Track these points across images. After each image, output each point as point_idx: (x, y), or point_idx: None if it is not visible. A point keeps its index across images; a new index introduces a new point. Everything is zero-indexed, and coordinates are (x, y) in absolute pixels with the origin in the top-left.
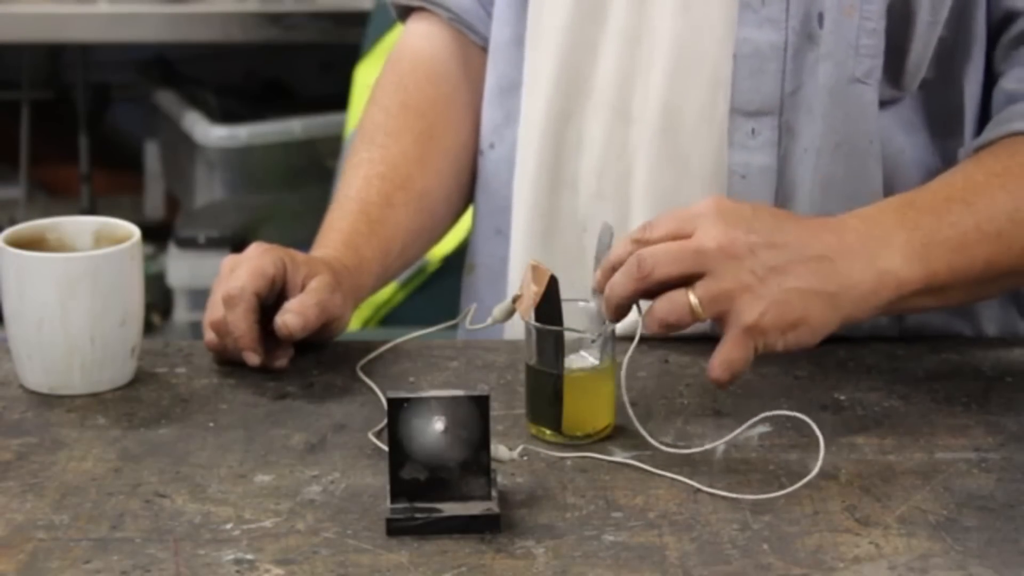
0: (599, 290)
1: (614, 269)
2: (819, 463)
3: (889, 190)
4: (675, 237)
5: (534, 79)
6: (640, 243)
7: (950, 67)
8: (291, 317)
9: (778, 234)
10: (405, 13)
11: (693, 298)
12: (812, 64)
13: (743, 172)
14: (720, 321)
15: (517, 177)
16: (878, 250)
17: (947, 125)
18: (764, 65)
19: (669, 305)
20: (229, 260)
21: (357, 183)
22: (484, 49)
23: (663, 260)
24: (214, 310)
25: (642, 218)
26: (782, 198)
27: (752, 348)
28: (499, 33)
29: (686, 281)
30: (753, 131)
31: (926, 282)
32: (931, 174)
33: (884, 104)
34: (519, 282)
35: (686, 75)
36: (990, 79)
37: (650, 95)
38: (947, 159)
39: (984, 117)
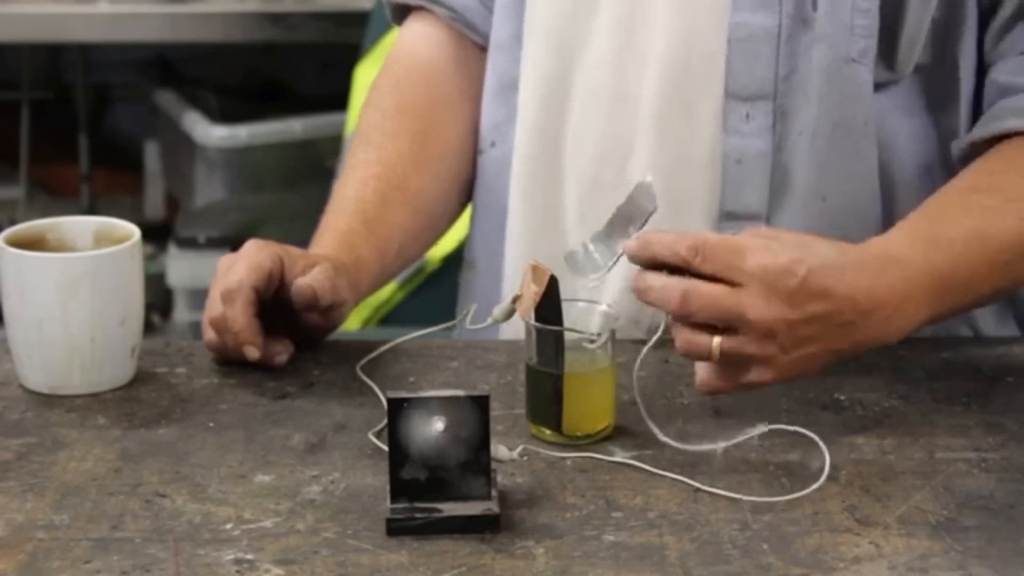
0: (634, 259)
1: (653, 260)
2: (825, 472)
3: (883, 171)
4: (722, 278)
5: (529, 73)
6: (684, 264)
7: (943, 49)
8: (312, 281)
9: (818, 304)
10: (401, 14)
11: (715, 347)
12: (806, 47)
13: (738, 157)
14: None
15: (515, 171)
16: (902, 306)
17: (943, 106)
18: (758, 49)
19: (692, 347)
20: (226, 259)
21: (353, 184)
22: (483, 48)
23: (707, 310)
24: (213, 307)
25: None
26: (777, 182)
27: (742, 391)
28: (500, 30)
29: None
30: (748, 116)
31: (930, 322)
32: (925, 156)
33: (880, 87)
34: (516, 276)
35: (682, 61)
36: (983, 59)
37: (646, 82)
38: (943, 140)
39: (977, 101)
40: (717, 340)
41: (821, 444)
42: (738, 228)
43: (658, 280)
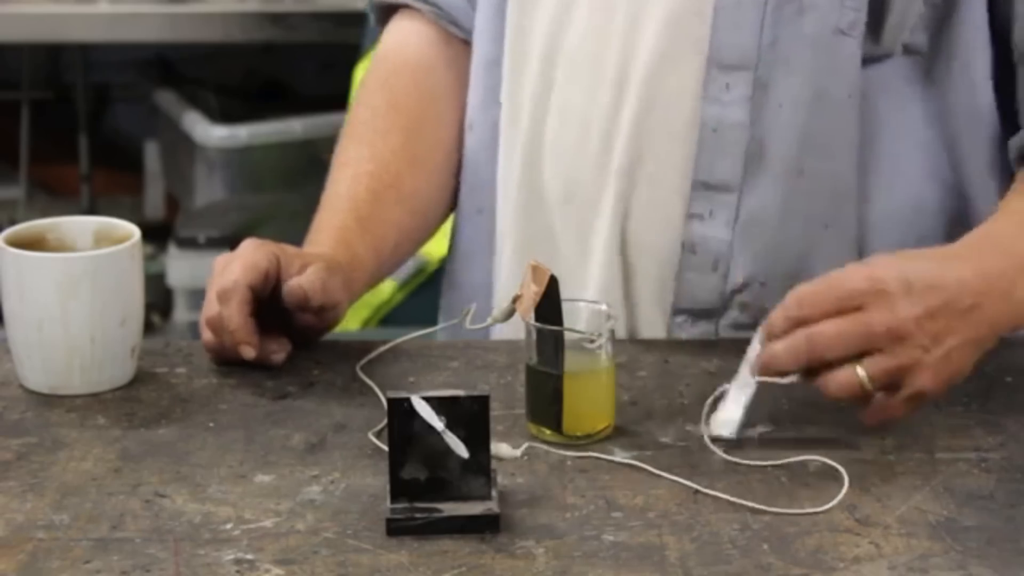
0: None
1: (772, 336)
2: (843, 490)
3: (865, 146)
4: (837, 314)
5: (512, 49)
6: (798, 321)
7: (940, 31)
8: (303, 282)
9: (934, 296)
10: (386, 15)
11: (862, 373)
12: (792, 16)
13: (715, 126)
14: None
15: (501, 150)
16: (1016, 279)
17: (939, 87)
18: (744, 17)
19: (841, 385)
20: (222, 258)
21: (345, 181)
22: (468, 43)
23: (835, 344)
24: (209, 307)
25: (617, 177)
26: (752, 153)
27: (913, 408)
28: (483, 13)
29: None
30: (728, 86)
31: None
32: (912, 134)
33: (870, 62)
34: (503, 259)
35: (667, 31)
36: (996, 39)
37: (630, 54)
38: (934, 120)
39: (999, 82)
40: (860, 369)
41: (846, 481)
42: (710, 199)
43: (778, 344)
